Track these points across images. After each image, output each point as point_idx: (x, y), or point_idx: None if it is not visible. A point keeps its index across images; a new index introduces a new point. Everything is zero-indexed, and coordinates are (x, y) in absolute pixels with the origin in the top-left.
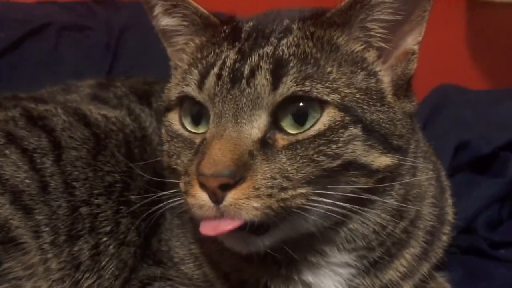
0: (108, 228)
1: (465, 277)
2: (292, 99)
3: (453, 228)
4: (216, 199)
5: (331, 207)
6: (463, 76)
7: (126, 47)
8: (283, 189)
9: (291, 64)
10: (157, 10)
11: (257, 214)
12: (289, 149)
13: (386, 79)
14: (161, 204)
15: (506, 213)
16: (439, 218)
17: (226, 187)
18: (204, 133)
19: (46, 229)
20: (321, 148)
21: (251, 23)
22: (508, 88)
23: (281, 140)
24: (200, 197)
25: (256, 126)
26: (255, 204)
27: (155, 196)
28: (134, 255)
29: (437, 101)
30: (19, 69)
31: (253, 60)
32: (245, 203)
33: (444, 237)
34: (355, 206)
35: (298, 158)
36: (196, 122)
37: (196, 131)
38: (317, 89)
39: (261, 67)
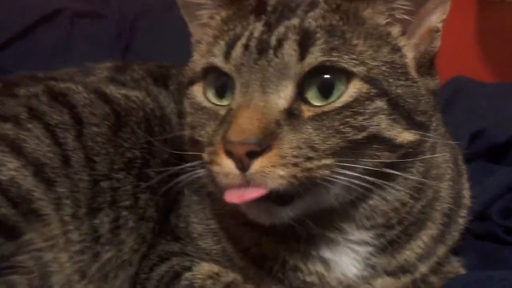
0: (128, 202)
1: (480, 262)
2: (319, 69)
3: (470, 213)
4: (243, 167)
5: (354, 180)
6: (474, 71)
7: (139, 36)
8: (309, 159)
9: (318, 35)
10: None
11: (282, 183)
12: (315, 120)
13: (410, 54)
14: (181, 177)
15: None
16: (456, 201)
17: (252, 155)
18: (229, 105)
19: (67, 201)
20: (347, 119)
21: None
22: None
23: (307, 111)
24: (226, 165)
25: (282, 96)
26: (281, 173)
27: (174, 172)
28: (153, 230)
29: (452, 92)
30: (32, 56)
31: (280, 31)
32: (271, 171)
33: (461, 220)
34: (377, 180)
35: (324, 129)
36: (220, 94)
37: (221, 103)
38: (344, 60)
39: (289, 37)
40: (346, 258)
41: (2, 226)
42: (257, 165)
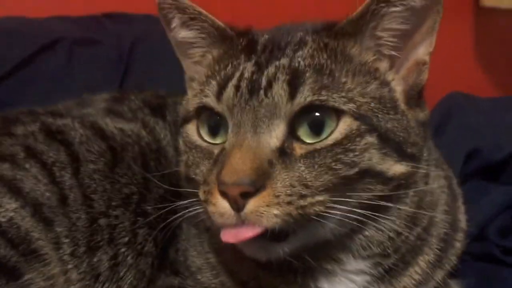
0: (126, 239)
1: (478, 284)
2: (308, 108)
3: (466, 236)
4: (237, 207)
5: (348, 214)
6: (472, 84)
7: (138, 61)
8: (302, 196)
9: (307, 74)
10: (175, 23)
11: (277, 222)
12: (307, 157)
13: (398, 88)
14: (178, 214)
15: None
16: (452, 225)
17: (247, 195)
18: (222, 143)
19: (66, 240)
20: (339, 156)
21: (266, 36)
22: None
23: (298, 149)
24: (221, 205)
25: (274, 135)
26: (275, 212)
27: (172, 207)
28: (152, 265)
29: (447, 109)
30: (32, 85)
31: (270, 71)
32: (266, 210)
33: (458, 244)
34: (371, 213)
35: (316, 166)
36: (213, 133)
37: (214, 142)
38: (333, 98)
39: (278, 78)
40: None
41: (3, 268)
42: (251, 205)
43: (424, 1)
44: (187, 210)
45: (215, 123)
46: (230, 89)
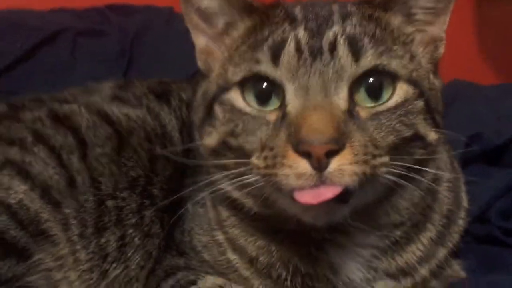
0: (133, 220)
1: (480, 265)
2: (370, 72)
3: (468, 214)
4: (319, 167)
5: (397, 176)
6: (473, 71)
7: (141, 52)
8: (374, 156)
9: (366, 40)
10: None
11: (356, 180)
12: (373, 119)
13: (425, 59)
14: (206, 192)
15: None
16: (455, 202)
17: (331, 154)
18: (276, 110)
19: (74, 221)
20: (401, 118)
21: (299, 7)
22: None
23: (362, 112)
24: (300, 166)
25: (341, 98)
26: (356, 169)
27: (178, 189)
28: (159, 246)
29: (449, 96)
30: (35, 77)
31: (328, 35)
32: (348, 168)
33: (460, 221)
34: (416, 174)
35: (383, 127)
36: (261, 101)
37: (265, 109)
38: (393, 63)
39: (339, 42)
40: (352, 261)
41: (13, 248)
42: (335, 163)
43: None
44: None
45: (262, 90)
46: (290, 53)
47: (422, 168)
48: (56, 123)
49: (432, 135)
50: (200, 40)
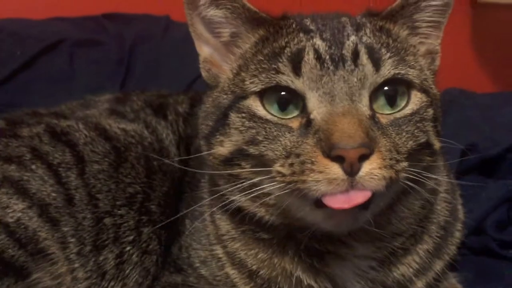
0: (131, 237)
1: (476, 278)
2: (389, 81)
3: (464, 226)
4: (351, 171)
5: (407, 183)
6: (469, 79)
7: (138, 61)
8: (398, 161)
9: (383, 50)
10: (204, 0)
11: (383, 184)
12: (393, 125)
13: (428, 71)
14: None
15: None
16: (452, 214)
17: (363, 158)
18: (298, 117)
19: (73, 240)
20: (418, 124)
21: (309, 18)
22: None
23: (381, 119)
24: (332, 171)
25: (364, 104)
26: (385, 174)
27: (174, 205)
28: (156, 263)
29: (444, 105)
30: (34, 86)
31: (349, 45)
32: (379, 172)
33: (457, 233)
34: (425, 180)
35: (403, 133)
36: (282, 108)
37: (285, 117)
38: (410, 72)
39: (360, 50)
40: (350, 272)
41: (11, 267)
42: (366, 167)
43: None
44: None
45: (281, 98)
46: (311, 62)
47: (430, 174)
48: (54, 140)
49: (437, 143)
50: (204, 50)
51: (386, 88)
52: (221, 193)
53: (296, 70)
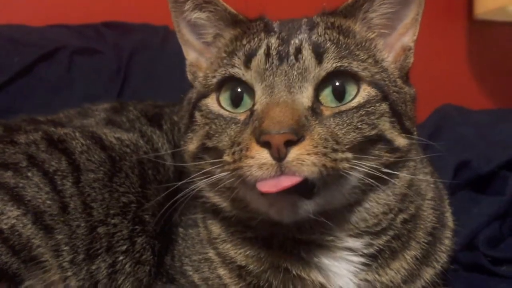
0: (124, 247)
1: None
2: (332, 75)
3: (454, 234)
4: (279, 156)
5: (362, 177)
6: (464, 96)
7: (136, 70)
8: (334, 150)
9: (328, 45)
10: (188, 5)
11: (314, 171)
12: (336, 117)
13: (392, 66)
14: (186, 190)
15: (507, 230)
16: (439, 220)
17: (290, 143)
18: (247, 110)
19: (66, 248)
20: (363, 117)
21: (278, 22)
22: (509, 109)
23: (326, 111)
24: (261, 156)
25: (305, 96)
26: (315, 160)
27: (168, 214)
28: (149, 273)
29: (439, 121)
30: (32, 93)
31: (295, 42)
32: (307, 158)
33: (447, 241)
34: (382, 176)
35: (345, 125)
36: (235, 104)
37: (236, 111)
38: (354, 65)
39: (304, 46)
40: (341, 264)
41: (4, 274)
42: (293, 153)
43: None
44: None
45: (237, 94)
46: (260, 57)
47: (390, 171)
48: (50, 147)
49: (400, 140)
50: (190, 55)
51: (335, 82)
52: (197, 189)
53: (247, 63)
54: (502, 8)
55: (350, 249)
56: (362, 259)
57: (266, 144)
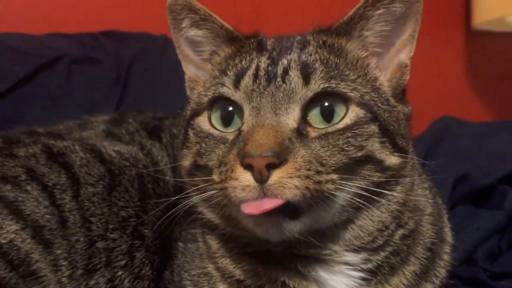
0: (123, 262)
1: None
2: (320, 96)
3: (453, 250)
4: (261, 179)
5: (351, 198)
6: (463, 107)
7: (135, 80)
8: (318, 172)
9: (316, 65)
10: (186, 22)
11: (297, 193)
12: (321, 139)
13: (386, 84)
14: (181, 205)
15: (506, 245)
16: (438, 236)
17: (271, 167)
18: (236, 130)
19: (65, 263)
20: (349, 139)
21: (272, 39)
22: (507, 121)
23: (312, 132)
24: (244, 178)
25: (291, 117)
26: (297, 183)
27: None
28: None
29: (437, 134)
30: (32, 102)
31: (283, 62)
32: (288, 181)
33: (446, 256)
34: (372, 196)
35: (330, 147)
36: (225, 123)
37: (227, 131)
38: (342, 86)
39: (292, 67)
40: (340, 277)
41: None
42: (275, 176)
43: (404, 9)
44: (200, 196)
45: (228, 113)
46: (248, 78)
47: (381, 190)
48: (50, 161)
49: (391, 159)
50: (189, 70)
51: (324, 103)
52: (191, 204)
53: (237, 84)
54: (500, 18)
55: (348, 264)
56: (361, 274)
57: (249, 167)
